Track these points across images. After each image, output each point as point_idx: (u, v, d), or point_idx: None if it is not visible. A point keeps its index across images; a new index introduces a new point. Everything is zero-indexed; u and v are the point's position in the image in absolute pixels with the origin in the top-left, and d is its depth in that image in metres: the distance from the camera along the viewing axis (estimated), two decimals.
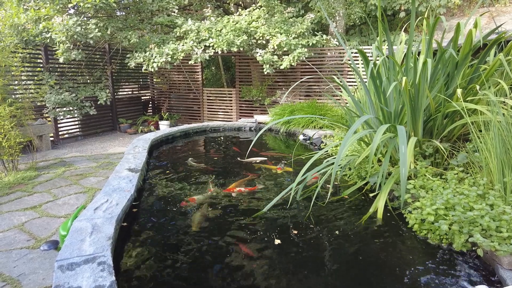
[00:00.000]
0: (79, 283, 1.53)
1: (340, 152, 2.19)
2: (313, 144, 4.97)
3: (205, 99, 8.36)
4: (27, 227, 2.96)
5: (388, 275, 1.85)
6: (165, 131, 5.34)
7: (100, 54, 7.65)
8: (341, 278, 1.85)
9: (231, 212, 2.64)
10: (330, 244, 2.18)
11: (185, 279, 1.84)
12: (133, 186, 2.74)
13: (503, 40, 2.78)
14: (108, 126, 8.01)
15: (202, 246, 2.14)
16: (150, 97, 9.35)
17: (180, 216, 2.58)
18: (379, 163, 3.23)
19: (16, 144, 4.36)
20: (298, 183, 2.69)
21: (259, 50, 6.60)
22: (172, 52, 6.31)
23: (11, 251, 2.56)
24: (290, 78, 7.49)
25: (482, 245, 1.82)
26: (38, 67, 6.44)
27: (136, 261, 1.99)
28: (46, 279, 2.25)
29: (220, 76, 11.15)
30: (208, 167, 3.86)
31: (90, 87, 7.00)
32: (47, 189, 3.91)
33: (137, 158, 3.59)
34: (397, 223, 2.43)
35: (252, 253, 2.06)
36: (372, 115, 2.90)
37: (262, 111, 7.76)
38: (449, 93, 2.93)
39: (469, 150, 2.65)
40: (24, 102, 5.03)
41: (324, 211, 2.64)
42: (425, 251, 2.09)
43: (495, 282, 1.77)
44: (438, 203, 2.15)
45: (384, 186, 2.61)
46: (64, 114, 6.45)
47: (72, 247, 1.82)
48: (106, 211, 2.24)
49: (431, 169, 2.74)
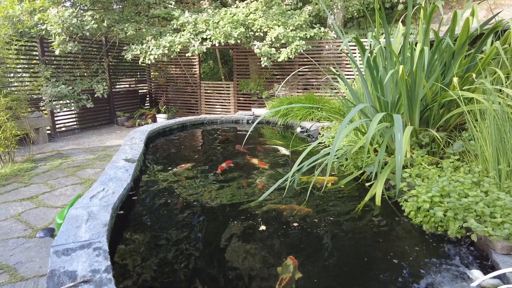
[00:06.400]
0: (75, 267, 1.53)
1: (336, 139, 2.19)
2: (310, 136, 4.97)
3: (202, 93, 8.33)
4: (24, 217, 2.96)
5: (383, 260, 1.86)
6: (162, 123, 5.33)
7: (96, 47, 7.60)
8: (335, 262, 1.86)
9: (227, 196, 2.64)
10: (325, 230, 2.19)
11: (180, 265, 1.84)
12: (130, 175, 2.74)
13: (500, 28, 2.77)
14: (106, 119, 7.98)
15: (196, 231, 2.15)
16: (147, 90, 9.32)
17: (177, 205, 2.58)
18: (375, 153, 3.24)
19: (12, 136, 4.34)
20: (294, 173, 2.69)
21: (256, 42, 6.57)
22: (169, 45, 6.28)
23: (7, 240, 2.56)
24: (288, 71, 7.47)
25: (476, 230, 1.84)
26: (33, 60, 6.40)
27: (132, 248, 1.99)
28: (43, 267, 2.26)
29: (218, 70, 11.11)
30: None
31: (87, 80, 6.97)
32: (44, 180, 3.90)
33: (134, 149, 3.58)
34: (393, 211, 2.45)
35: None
36: (369, 104, 2.90)
37: (260, 105, 7.75)
38: (446, 82, 2.93)
39: (465, 138, 2.65)
40: (20, 94, 5.00)
41: (320, 200, 2.65)
42: (420, 238, 2.10)
43: (488, 266, 1.79)
44: (434, 190, 2.16)
45: (380, 175, 2.61)
46: (61, 107, 6.42)
47: (68, 233, 1.82)
48: (102, 199, 2.24)
49: (427, 158, 2.75)
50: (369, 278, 1.73)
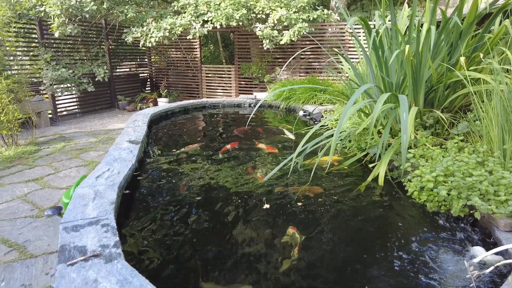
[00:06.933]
0: (84, 242, 1.56)
1: (341, 121, 2.19)
2: (313, 120, 4.96)
3: (203, 77, 8.26)
4: (30, 197, 2.99)
5: (386, 238, 1.89)
6: (164, 106, 5.31)
7: (96, 30, 7.48)
8: (338, 238, 1.89)
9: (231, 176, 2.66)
10: (329, 208, 2.21)
11: (184, 240, 1.87)
12: (134, 156, 2.75)
13: (509, 7, 2.71)
14: (107, 103, 7.95)
15: (200, 209, 2.17)
16: (148, 74, 9.24)
17: (180, 184, 2.60)
18: (379, 134, 3.23)
19: (14, 118, 4.33)
20: (298, 153, 2.70)
21: (258, 24, 6.47)
22: (170, 27, 6.18)
23: (15, 220, 2.60)
24: (290, 55, 7.38)
25: (480, 208, 1.85)
26: (33, 43, 6.31)
27: (138, 225, 2.02)
28: (51, 245, 2.29)
29: (218, 54, 10.98)
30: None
31: (87, 64, 6.90)
32: (48, 162, 3.92)
33: (137, 131, 3.58)
34: (396, 191, 2.46)
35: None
36: (373, 84, 2.87)
37: (262, 89, 7.69)
38: (452, 63, 2.89)
39: (470, 119, 2.64)
40: (21, 77, 4.96)
41: (324, 180, 2.67)
42: (423, 216, 2.12)
43: (490, 243, 1.82)
44: (438, 170, 2.17)
45: (384, 155, 2.62)
46: (62, 91, 6.38)
47: (75, 211, 1.84)
48: (108, 179, 2.26)
49: (431, 139, 2.75)
50: (371, 253, 1.75)
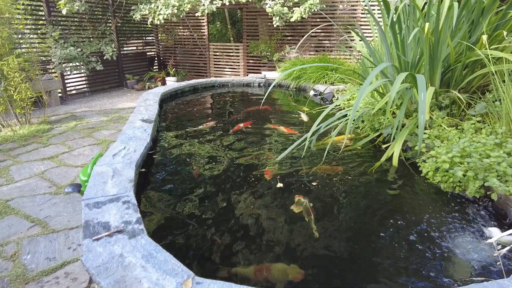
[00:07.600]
0: (107, 219, 1.60)
1: (357, 100, 2.16)
2: (324, 100, 4.90)
3: (211, 55, 8.15)
4: (47, 175, 3.05)
5: (401, 216, 1.91)
6: (173, 85, 5.28)
7: (103, 7, 7.36)
8: (352, 216, 1.92)
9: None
10: (342, 188, 2.23)
11: (199, 217, 1.92)
12: (149, 135, 2.77)
13: None
14: (115, 82, 7.94)
15: (214, 186, 2.21)
16: (155, 53, 9.14)
17: (195, 162, 2.63)
18: (392, 115, 3.20)
19: (27, 97, 4.36)
20: (312, 134, 2.69)
21: (268, 1, 6.29)
22: (178, 4, 6.05)
23: (35, 196, 2.67)
24: (300, 32, 7.21)
25: (497, 189, 1.85)
26: (40, 20, 6.25)
27: (156, 202, 2.07)
28: (71, 221, 2.37)
29: (226, 32, 10.76)
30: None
31: (95, 42, 6.84)
32: (61, 141, 3.98)
33: (149, 110, 3.59)
34: (410, 172, 2.46)
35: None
36: (390, 63, 2.81)
37: (270, 68, 7.59)
38: (472, 41, 2.80)
39: (489, 100, 2.59)
40: (31, 55, 4.95)
41: (337, 160, 2.67)
42: (437, 197, 2.13)
43: (506, 224, 1.83)
44: (454, 151, 2.15)
45: (398, 136, 2.60)
46: (71, 69, 6.37)
47: (95, 188, 1.88)
48: (125, 157, 2.29)
49: (447, 120, 2.71)
50: (384, 229, 1.78)
